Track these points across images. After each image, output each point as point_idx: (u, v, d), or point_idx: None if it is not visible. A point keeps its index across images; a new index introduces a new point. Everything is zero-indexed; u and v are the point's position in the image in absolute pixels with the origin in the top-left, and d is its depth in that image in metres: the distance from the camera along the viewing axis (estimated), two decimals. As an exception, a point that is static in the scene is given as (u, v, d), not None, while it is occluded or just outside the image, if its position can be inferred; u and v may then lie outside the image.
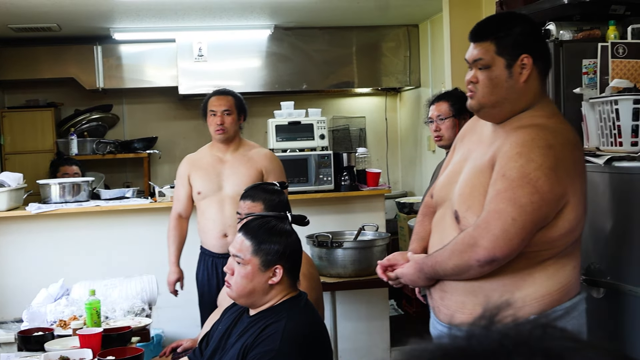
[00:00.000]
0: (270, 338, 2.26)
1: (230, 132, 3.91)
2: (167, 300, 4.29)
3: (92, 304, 3.26)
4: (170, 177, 6.35)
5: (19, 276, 4.53)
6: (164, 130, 6.72)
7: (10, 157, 6.18)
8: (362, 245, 4.49)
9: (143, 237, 4.80)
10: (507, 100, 2.22)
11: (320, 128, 5.04)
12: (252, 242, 2.37)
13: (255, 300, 2.38)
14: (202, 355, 2.57)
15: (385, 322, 5.07)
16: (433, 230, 2.49)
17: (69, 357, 2.88)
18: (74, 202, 4.74)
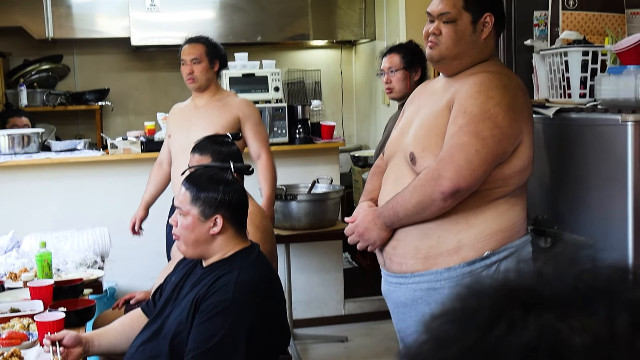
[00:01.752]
0: (223, 289, 2.26)
1: (201, 80, 3.86)
2: (120, 253, 4.28)
3: (42, 255, 3.24)
4: (122, 130, 6.27)
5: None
6: (117, 82, 6.60)
7: (-43, 108, 6.03)
8: (316, 198, 4.51)
9: (95, 189, 4.74)
10: (467, 54, 2.32)
11: (275, 80, 5.00)
12: (190, 192, 2.36)
13: (201, 251, 2.38)
14: (155, 306, 2.57)
15: (339, 274, 5.13)
16: (383, 183, 2.52)
17: (19, 308, 2.87)
18: (24, 154, 4.66)
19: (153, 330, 2.42)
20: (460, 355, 0.56)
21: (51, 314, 2.64)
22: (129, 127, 6.02)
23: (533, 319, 0.56)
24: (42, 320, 2.54)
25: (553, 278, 0.59)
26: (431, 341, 0.58)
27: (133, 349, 2.45)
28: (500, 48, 3.08)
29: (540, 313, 0.56)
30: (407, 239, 2.38)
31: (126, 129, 6.03)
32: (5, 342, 2.46)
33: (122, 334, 2.59)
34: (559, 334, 0.54)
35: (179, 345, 2.27)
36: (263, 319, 2.27)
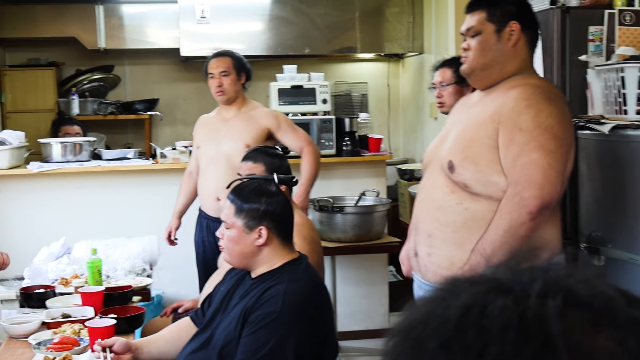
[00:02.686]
0: (271, 300, 2.27)
1: (230, 93, 3.90)
2: (167, 261, 4.32)
3: (93, 262, 3.28)
4: (170, 139, 6.34)
5: (20, 234, 4.54)
6: (166, 92, 6.69)
7: (12, 115, 6.15)
8: (362, 210, 4.50)
9: (144, 198, 4.80)
10: (495, 63, 2.36)
11: (323, 92, 5.02)
12: (234, 205, 2.37)
13: (248, 262, 2.38)
14: (204, 315, 2.59)
15: (384, 287, 5.11)
16: (418, 192, 2.53)
17: (70, 314, 2.91)
18: (76, 162, 4.74)
19: (202, 340, 2.44)
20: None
21: (102, 320, 2.67)
22: (176, 137, 6.09)
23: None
24: (93, 326, 2.57)
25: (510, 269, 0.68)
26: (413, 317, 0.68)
27: (181, 357, 2.47)
28: (554, 63, 3.05)
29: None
30: (442, 246, 2.38)
31: (174, 138, 6.10)
32: (57, 347, 2.50)
33: (171, 342, 2.61)
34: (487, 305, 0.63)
35: (228, 356, 2.28)
36: (311, 330, 2.27)
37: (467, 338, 0.62)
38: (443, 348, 0.63)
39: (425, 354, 0.64)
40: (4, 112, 6.18)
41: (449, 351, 0.62)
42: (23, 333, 2.74)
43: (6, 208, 4.66)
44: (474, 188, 2.30)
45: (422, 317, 0.67)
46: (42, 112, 6.18)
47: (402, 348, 0.67)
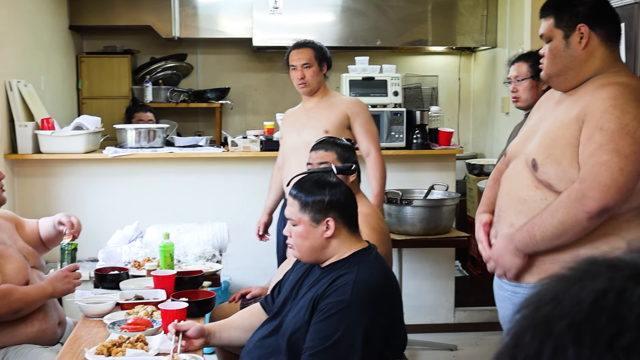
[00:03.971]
0: (341, 289, 2.27)
1: (312, 84, 3.91)
2: (235, 248, 4.37)
3: (166, 246, 3.34)
4: (240, 128, 6.42)
5: (94, 217, 4.65)
6: (237, 82, 6.76)
7: (87, 101, 6.31)
8: (431, 204, 4.47)
9: (215, 185, 4.87)
10: (569, 69, 2.33)
11: (394, 85, 5.00)
12: (298, 200, 2.38)
13: (318, 256, 2.39)
14: (273, 302, 2.61)
15: (451, 282, 5.07)
16: (503, 182, 2.50)
17: (143, 296, 2.97)
18: (149, 148, 4.83)
19: (272, 327, 2.46)
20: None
21: (174, 303, 2.72)
22: (246, 126, 6.15)
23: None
24: (166, 309, 2.62)
25: None
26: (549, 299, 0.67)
27: (251, 344, 2.49)
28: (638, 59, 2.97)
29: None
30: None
31: (244, 127, 6.17)
32: (131, 328, 2.56)
33: (242, 328, 2.64)
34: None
35: (297, 343, 2.30)
36: (380, 320, 2.27)
37: (600, 322, 0.62)
38: (572, 329, 0.63)
39: (553, 333, 0.64)
40: (80, 98, 6.34)
41: (578, 333, 0.62)
42: (98, 313, 2.81)
43: (82, 191, 4.78)
44: (557, 187, 2.27)
45: (553, 295, 0.66)
46: (117, 98, 6.32)
47: (528, 323, 0.67)
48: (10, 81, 4.58)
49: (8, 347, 2.79)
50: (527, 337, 0.66)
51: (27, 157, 4.62)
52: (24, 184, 4.68)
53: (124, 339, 2.43)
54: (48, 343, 2.89)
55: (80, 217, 4.21)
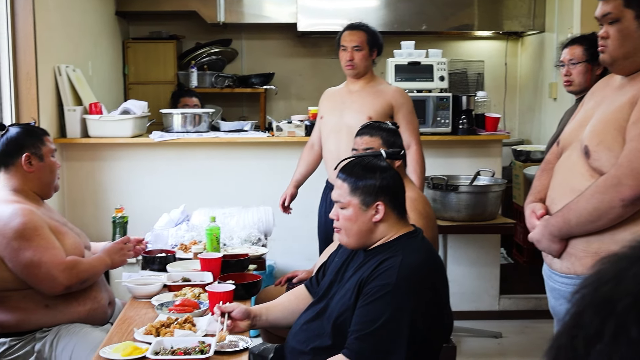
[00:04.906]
0: (386, 272, 2.26)
1: (360, 67, 3.89)
2: (280, 233, 4.38)
3: (212, 230, 3.37)
4: (284, 113, 6.43)
5: (141, 200, 4.71)
6: (281, 67, 6.77)
7: (134, 86, 6.37)
8: (477, 190, 4.43)
9: (259, 169, 4.89)
10: (638, 51, 2.24)
11: (441, 69, 4.95)
12: (348, 183, 2.36)
13: (365, 240, 2.38)
14: (318, 285, 2.61)
15: (496, 269, 5.03)
16: (555, 172, 2.45)
17: (190, 278, 3.00)
18: (195, 132, 4.87)
19: (317, 310, 2.46)
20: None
21: (221, 285, 2.74)
22: (290, 111, 6.16)
23: None
24: (213, 291, 2.64)
25: None
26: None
27: (297, 327, 2.50)
28: None
29: None
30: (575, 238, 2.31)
31: (288, 113, 6.17)
32: (179, 309, 2.59)
33: (288, 310, 2.65)
34: None
35: (342, 326, 2.30)
36: (426, 304, 2.25)
37: None
38: (636, 307, 0.62)
39: (615, 311, 0.63)
40: (126, 84, 6.40)
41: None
42: (146, 294, 2.85)
43: (129, 175, 4.84)
44: None
45: (613, 275, 0.65)
46: (162, 84, 6.37)
47: (588, 303, 0.66)
48: (59, 66, 4.64)
49: (61, 325, 2.85)
50: (587, 316, 0.66)
51: (75, 141, 4.69)
52: (73, 168, 4.75)
53: (172, 319, 2.46)
54: (98, 322, 2.95)
55: (126, 201, 4.29)
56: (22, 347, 2.84)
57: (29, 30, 4.25)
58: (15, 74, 4.26)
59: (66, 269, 2.76)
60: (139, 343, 2.31)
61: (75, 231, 3.07)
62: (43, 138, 2.99)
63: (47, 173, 2.99)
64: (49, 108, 4.55)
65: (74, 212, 4.73)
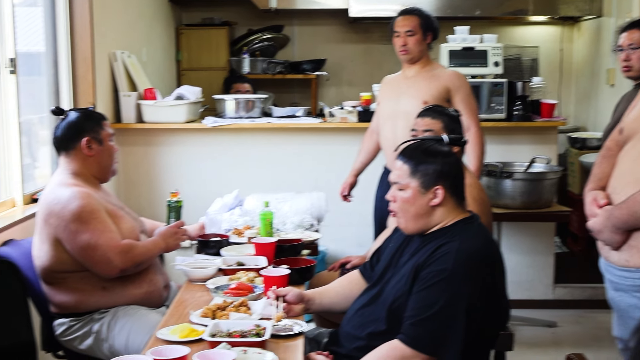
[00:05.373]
0: (443, 258, 2.24)
1: (414, 52, 3.85)
2: (331, 219, 4.37)
3: (266, 214, 3.38)
4: (335, 100, 6.41)
5: (195, 185, 4.75)
6: (333, 53, 6.75)
7: (187, 73, 6.42)
8: (532, 177, 4.37)
9: (312, 155, 4.89)
10: None
11: (495, 55, 4.89)
12: (409, 165, 2.34)
13: (422, 224, 2.35)
14: (372, 270, 2.60)
15: (550, 257, 4.96)
16: (620, 161, 2.39)
17: (244, 262, 3.02)
18: (247, 118, 4.89)
19: (372, 295, 2.45)
20: None
21: (276, 269, 2.75)
22: (342, 98, 6.13)
23: None
24: (268, 275, 2.65)
25: None
26: None
27: (351, 312, 2.50)
28: None
29: None
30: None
31: (339, 99, 6.15)
32: (234, 292, 2.60)
33: (341, 294, 2.65)
34: None
35: (397, 311, 2.28)
36: (483, 291, 2.22)
37: None
38: None
39: None
40: (179, 70, 6.46)
41: None
42: (201, 277, 2.87)
43: (182, 160, 4.88)
44: None
45: None
46: (215, 70, 6.41)
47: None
48: (114, 52, 4.70)
49: (118, 307, 2.90)
50: None
51: (130, 126, 4.75)
52: (127, 153, 4.80)
53: (227, 303, 2.47)
54: (154, 305, 2.98)
55: (180, 186, 4.33)
56: (80, 328, 2.89)
57: (86, 16, 4.31)
58: (73, 60, 4.32)
59: (121, 252, 2.80)
60: (195, 325, 2.33)
61: (131, 215, 3.11)
62: (102, 122, 3.03)
63: (106, 157, 3.03)
64: (105, 93, 4.61)
65: (128, 196, 4.79)
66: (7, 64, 3.57)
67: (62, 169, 2.98)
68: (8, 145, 3.59)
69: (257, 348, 2.12)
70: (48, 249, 2.86)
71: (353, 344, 2.39)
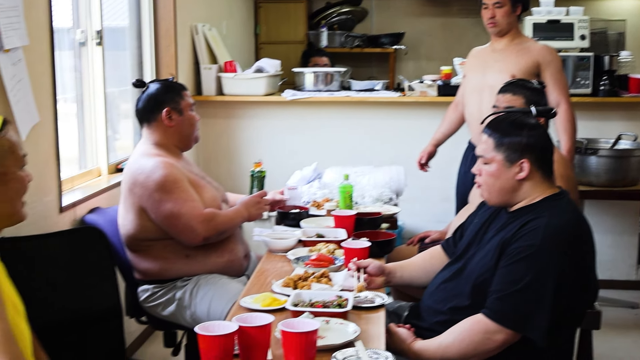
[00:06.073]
0: (530, 233, 2.19)
1: (502, 25, 3.76)
2: (411, 193, 4.34)
3: (345, 187, 3.37)
4: (413, 74, 6.33)
5: (273, 157, 4.77)
6: (410, 27, 6.68)
7: (265, 46, 6.45)
8: (618, 154, 4.25)
9: (390, 129, 4.85)
10: None
11: (582, 28, 4.75)
12: (494, 138, 2.28)
13: (507, 198, 2.31)
14: (455, 246, 2.57)
15: (634, 237, 4.82)
16: None
17: (324, 234, 3.02)
18: (326, 91, 4.88)
19: (454, 270, 2.42)
20: None
21: (356, 242, 2.74)
22: (420, 72, 6.06)
23: None
24: (349, 247, 2.65)
25: None
26: None
27: (433, 287, 2.47)
28: None
29: None
30: None
31: (417, 73, 6.08)
32: (315, 263, 2.61)
33: (423, 269, 2.63)
34: None
35: (482, 287, 2.25)
36: (572, 268, 2.17)
37: None
38: None
39: None
40: (257, 43, 6.49)
41: None
42: (282, 248, 2.89)
43: (261, 132, 4.92)
44: None
45: None
46: (293, 43, 6.42)
47: None
48: (196, 25, 4.74)
49: (200, 275, 2.94)
50: None
51: (210, 98, 4.80)
52: (208, 125, 4.86)
53: (309, 273, 2.48)
54: (235, 274, 3.02)
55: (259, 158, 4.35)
56: (164, 294, 2.95)
57: (169, -11, 4.36)
58: (156, 33, 4.38)
59: (204, 221, 2.84)
60: (277, 295, 2.34)
61: (213, 185, 3.14)
62: (182, 93, 3.06)
63: (187, 126, 3.06)
64: (186, 66, 4.66)
65: (208, 168, 4.85)
66: (94, 36, 3.65)
67: (145, 140, 3.03)
68: (95, 116, 3.67)
69: (339, 319, 2.12)
70: (133, 217, 2.92)
71: (435, 318, 2.37)
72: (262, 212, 3.09)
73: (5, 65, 2.57)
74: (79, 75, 3.62)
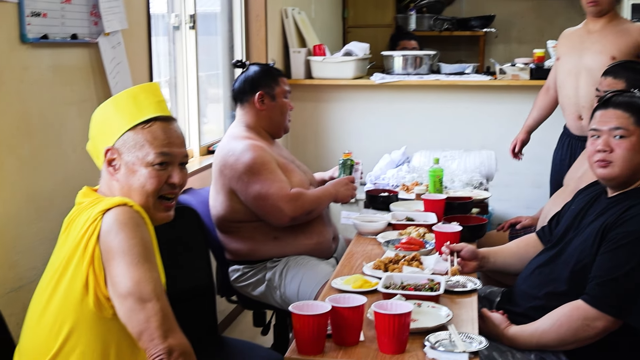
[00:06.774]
0: (634, 219, 2.13)
1: (604, 4, 3.64)
2: (501, 178, 4.27)
3: (435, 171, 3.34)
4: (504, 57, 6.21)
5: (362, 141, 4.77)
6: (501, 9, 6.55)
7: (352, 30, 6.44)
8: None
9: (481, 112, 4.78)
10: None
11: (685, 8, 4.56)
12: (631, 114, 2.21)
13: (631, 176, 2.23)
14: (551, 234, 2.52)
15: None
16: None
17: (413, 218, 3.00)
18: (415, 75, 4.84)
19: (551, 255, 2.37)
20: None
21: (447, 226, 2.72)
22: (510, 55, 5.94)
23: None
24: (440, 231, 2.63)
25: None
26: None
27: (528, 271, 2.43)
28: None
29: None
30: None
31: (508, 56, 5.97)
32: (406, 247, 2.60)
33: (517, 255, 2.59)
34: None
35: (581, 273, 2.20)
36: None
37: None
38: None
39: None
40: (345, 27, 6.48)
41: None
42: (372, 231, 2.89)
43: (351, 116, 4.91)
44: None
45: None
46: (380, 27, 6.38)
47: None
48: (286, 9, 4.77)
49: (289, 257, 2.97)
50: None
51: (299, 82, 4.82)
52: (296, 108, 4.78)
53: (400, 256, 2.48)
54: (323, 256, 3.04)
55: (347, 141, 4.37)
56: (254, 275, 2.99)
57: (260, -28, 4.40)
58: (247, 16, 4.43)
59: (291, 200, 2.85)
60: (367, 277, 2.35)
61: (302, 168, 3.16)
62: (278, 79, 3.08)
63: (278, 113, 3.08)
64: (276, 50, 4.70)
65: (295, 150, 4.88)
66: (187, 20, 3.71)
67: (237, 122, 3.07)
68: (188, 98, 3.74)
69: (431, 302, 2.11)
70: (223, 199, 2.96)
71: (529, 303, 2.33)
72: (351, 195, 3.09)
73: (105, 49, 2.65)
74: (172, 59, 3.69)
